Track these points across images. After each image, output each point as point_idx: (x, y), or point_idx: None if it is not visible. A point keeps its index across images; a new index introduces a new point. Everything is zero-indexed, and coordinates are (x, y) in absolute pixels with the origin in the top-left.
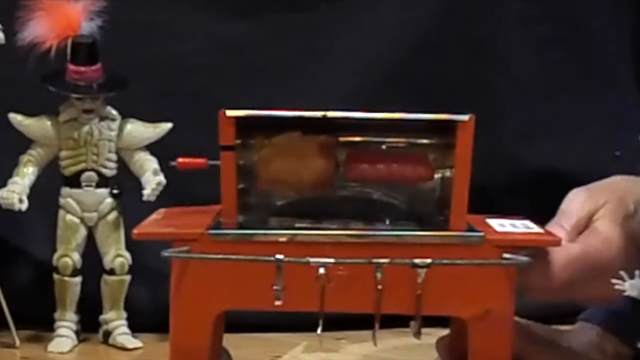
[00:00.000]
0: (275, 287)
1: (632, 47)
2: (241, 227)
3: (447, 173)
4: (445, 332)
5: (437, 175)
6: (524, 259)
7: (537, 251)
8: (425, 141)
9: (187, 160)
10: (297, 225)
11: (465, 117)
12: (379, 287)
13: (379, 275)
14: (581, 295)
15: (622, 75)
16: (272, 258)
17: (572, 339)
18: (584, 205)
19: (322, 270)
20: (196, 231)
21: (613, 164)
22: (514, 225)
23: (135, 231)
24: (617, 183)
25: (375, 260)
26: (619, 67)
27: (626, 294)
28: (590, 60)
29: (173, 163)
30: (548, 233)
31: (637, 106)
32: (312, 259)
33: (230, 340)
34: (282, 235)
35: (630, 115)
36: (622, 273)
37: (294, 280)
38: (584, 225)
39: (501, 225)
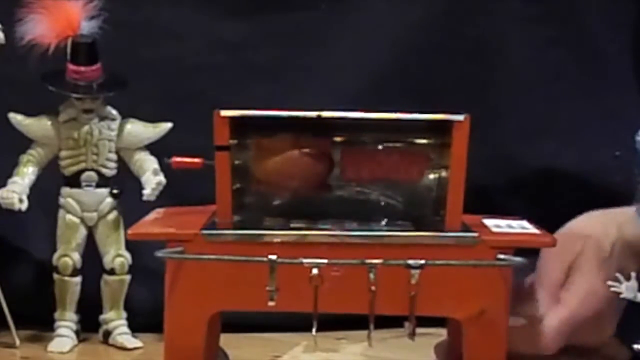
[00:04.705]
0: (268, 288)
1: (632, 47)
2: (235, 227)
3: (443, 173)
4: (443, 331)
5: (433, 175)
6: (519, 259)
7: (527, 318)
8: (421, 141)
9: (182, 159)
10: (291, 225)
11: (460, 117)
12: (372, 288)
13: (371, 276)
14: (576, 343)
15: (622, 75)
16: (265, 259)
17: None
18: (560, 260)
19: (315, 271)
20: (190, 231)
21: (613, 164)
22: (510, 226)
23: (129, 231)
24: (593, 225)
25: (368, 261)
26: (619, 67)
27: (622, 296)
28: (590, 60)
29: (168, 160)
30: (543, 234)
31: (637, 106)
32: (305, 260)
33: (230, 340)
34: (276, 235)
35: (630, 115)
36: (618, 275)
37: (288, 280)
38: (566, 276)
39: (497, 225)
